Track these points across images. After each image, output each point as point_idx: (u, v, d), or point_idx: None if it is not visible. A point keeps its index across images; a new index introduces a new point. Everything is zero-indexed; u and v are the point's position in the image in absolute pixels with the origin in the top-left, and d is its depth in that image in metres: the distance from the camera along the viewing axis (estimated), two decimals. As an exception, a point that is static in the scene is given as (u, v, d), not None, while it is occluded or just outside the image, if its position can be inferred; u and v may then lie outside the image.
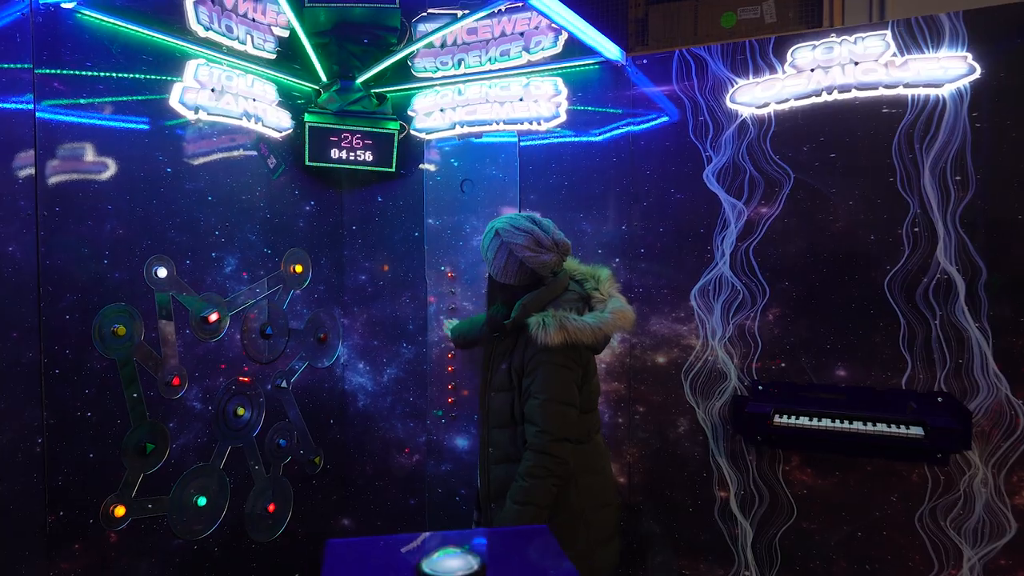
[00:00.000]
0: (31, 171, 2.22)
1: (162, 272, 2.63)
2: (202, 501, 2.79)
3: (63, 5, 2.24)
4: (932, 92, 2.44)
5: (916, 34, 2.46)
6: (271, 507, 3.10)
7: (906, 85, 2.46)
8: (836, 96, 2.56)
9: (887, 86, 2.48)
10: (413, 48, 2.86)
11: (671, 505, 2.90)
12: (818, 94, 2.58)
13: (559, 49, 2.99)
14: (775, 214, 2.68)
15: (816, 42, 2.58)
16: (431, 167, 3.31)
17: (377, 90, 3.30)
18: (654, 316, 2.89)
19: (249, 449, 3.00)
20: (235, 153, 2.92)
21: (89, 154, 2.40)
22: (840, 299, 2.60)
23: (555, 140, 3.06)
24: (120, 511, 2.50)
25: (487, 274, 2.27)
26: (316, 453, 3.33)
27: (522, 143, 3.12)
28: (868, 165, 2.54)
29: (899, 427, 2.44)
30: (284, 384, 3.17)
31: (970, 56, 2.38)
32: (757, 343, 2.72)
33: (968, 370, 2.43)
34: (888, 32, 2.49)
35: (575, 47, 2.92)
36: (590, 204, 3.00)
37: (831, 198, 2.60)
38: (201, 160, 2.78)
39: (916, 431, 2.40)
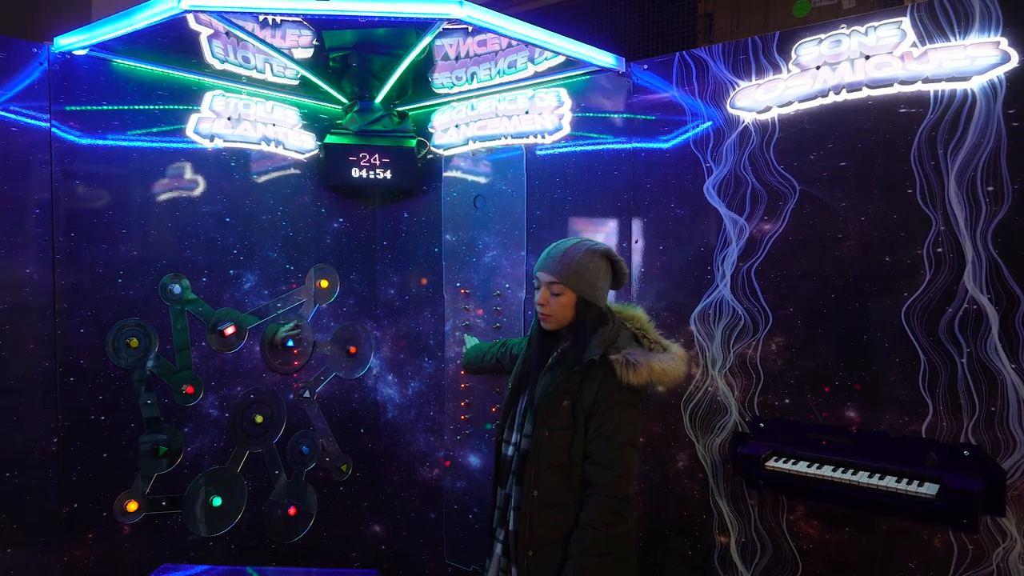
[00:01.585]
0: (48, 202, 2.50)
1: (176, 289, 2.85)
2: (217, 501, 2.99)
3: (75, 52, 2.49)
4: (958, 86, 2.05)
5: (940, 19, 2.08)
6: (292, 511, 3.25)
7: (926, 80, 2.08)
8: (845, 96, 2.23)
9: (903, 82, 2.12)
10: (408, 60, 2.85)
11: (670, 547, 2.67)
12: (824, 95, 2.26)
13: (562, 59, 2.87)
14: (779, 231, 2.39)
15: (823, 35, 2.26)
16: (448, 183, 3.31)
17: (399, 108, 3.35)
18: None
19: (269, 454, 3.17)
20: (254, 177, 3.09)
21: (103, 184, 2.66)
22: (850, 330, 2.26)
23: (559, 153, 2.93)
24: (133, 506, 2.74)
25: (570, 297, 2.03)
26: (343, 461, 3.45)
27: (528, 157, 3.02)
28: (883, 175, 2.19)
29: (909, 483, 2.07)
30: (308, 394, 3.32)
31: (1004, 41, 1.97)
32: (759, 375, 2.44)
33: (1003, 420, 2.01)
34: (906, 19, 2.12)
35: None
36: (593, 219, 2.85)
37: (840, 213, 2.27)
38: (218, 184, 2.98)
39: (928, 490, 2.03)
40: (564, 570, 1.96)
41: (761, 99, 2.38)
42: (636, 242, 2.72)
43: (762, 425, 2.43)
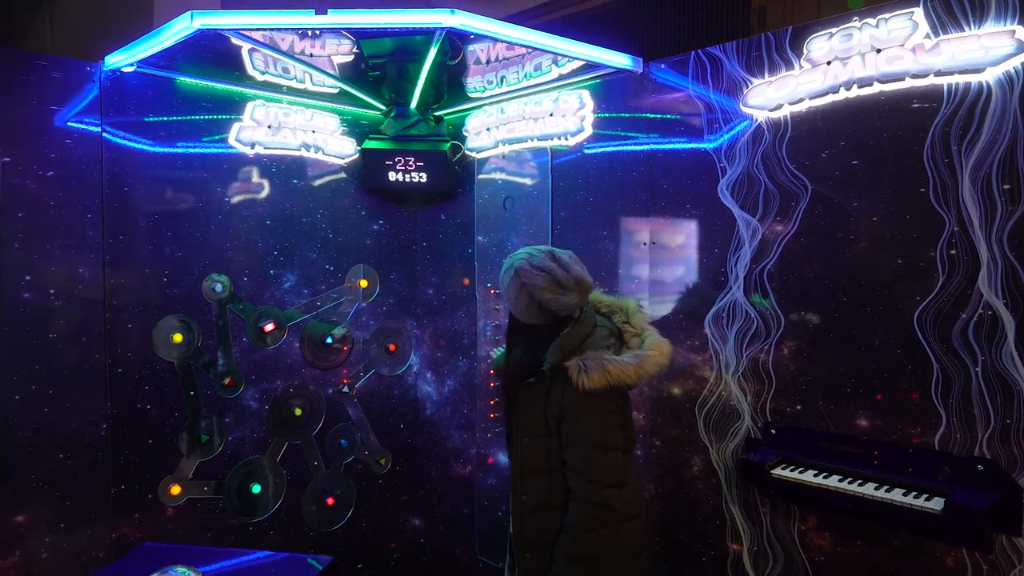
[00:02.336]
0: (99, 207, 2.74)
1: (218, 288, 3.05)
2: (257, 488, 3.17)
3: (124, 69, 2.72)
4: (972, 79, 1.94)
5: (955, 8, 1.97)
6: (330, 501, 3.41)
7: (938, 73, 1.98)
8: (857, 92, 2.14)
9: (915, 75, 2.02)
10: (426, 68, 2.93)
11: (685, 552, 2.64)
12: (835, 91, 2.18)
13: (584, 61, 2.88)
14: (791, 232, 2.32)
15: (834, 29, 2.18)
16: (480, 186, 3.38)
17: (436, 113, 3.45)
18: (671, 343, 2.65)
19: (307, 446, 3.33)
20: (294, 181, 3.26)
21: (150, 190, 2.88)
22: (861, 335, 2.17)
23: (581, 154, 2.95)
24: (176, 490, 2.96)
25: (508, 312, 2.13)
26: (382, 455, 3.58)
27: (553, 159, 3.05)
28: (895, 173, 2.09)
29: (917, 497, 1.98)
30: (346, 389, 3.47)
31: (1021, 30, 1.85)
32: (771, 380, 2.38)
33: (1019, 434, 1.89)
34: (919, 9, 2.02)
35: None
36: (612, 221, 2.84)
37: (852, 213, 2.18)
38: (258, 189, 3.16)
39: (933, 505, 1.93)
40: (550, 573, 1.97)
41: (773, 97, 2.32)
42: (653, 243, 2.70)
43: (773, 432, 2.36)
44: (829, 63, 2.19)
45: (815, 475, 2.18)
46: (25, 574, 2.62)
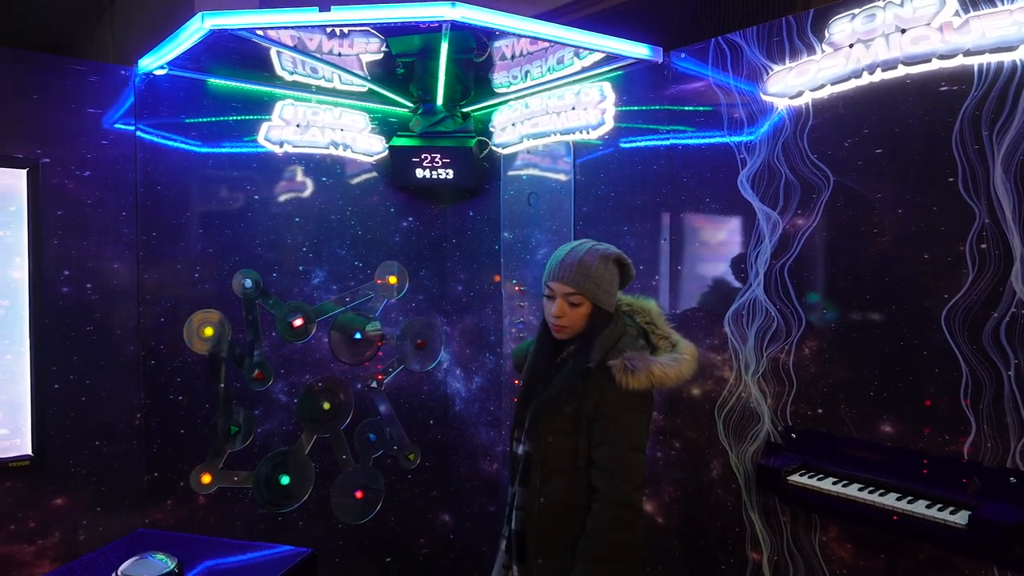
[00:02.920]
0: (133, 205, 2.85)
1: (248, 283, 3.13)
2: (285, 480, 3.24)
3: (156, 72, 2.82)
4: (1005, 58, 1.78)
5: (987, -19, 1.82)
6: (359, 494, 3.45)
7: (967, 52, 1.83)
8: (881, 76, 2.01)
9: (943, 56, 1.88)
10: (442, 63, 2.92)
11: (704, 558, 2.55)
12: (858, 75, 2.05)
13: (599, 52, 2.81)
14: (812, 226, 2.20)
15: (856, 9, 2.05)
16: (506, 182, 3.35)
17: (463, 109, 3.44)
18: (691, 341, 2.56)
19: (336, 440, 3.39)
20: (323, 179, 3.32)
21: (182, 189, 2.98)
22: (886, 335, 2.03)
23: (602, 148, 2.88)
24: (207, 479, 3.05)
25: (587, 307, 1.92)
26: (411, 450, 3.60)
27: (576, 153, 3.00)
28: (921, 161, 1.95)
29: (941, 509, 1.84)
30: (375, 384, 3.50)
31: (1059, 2, 1.69)
32: (792, 382, 2.26)
33: (1057, 444, 1.73)
34: (947, -16, 1.88)
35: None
36: (633, 216, 2.77)
37: (876, 205, 2.05)
38: (287, 187, 3.23)
39: (958, 519, 1.79)
40: None
41: (793, 83, 2.20)
42: (673, 238, 2.62)
43: (794, 436, 2.25)
44: (851, 46, 2.06)
45: (834, 483, 2.06)
46: (64, 554, 2.76)
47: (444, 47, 2.55)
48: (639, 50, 2.56)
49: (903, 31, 1.95)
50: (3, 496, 2.63)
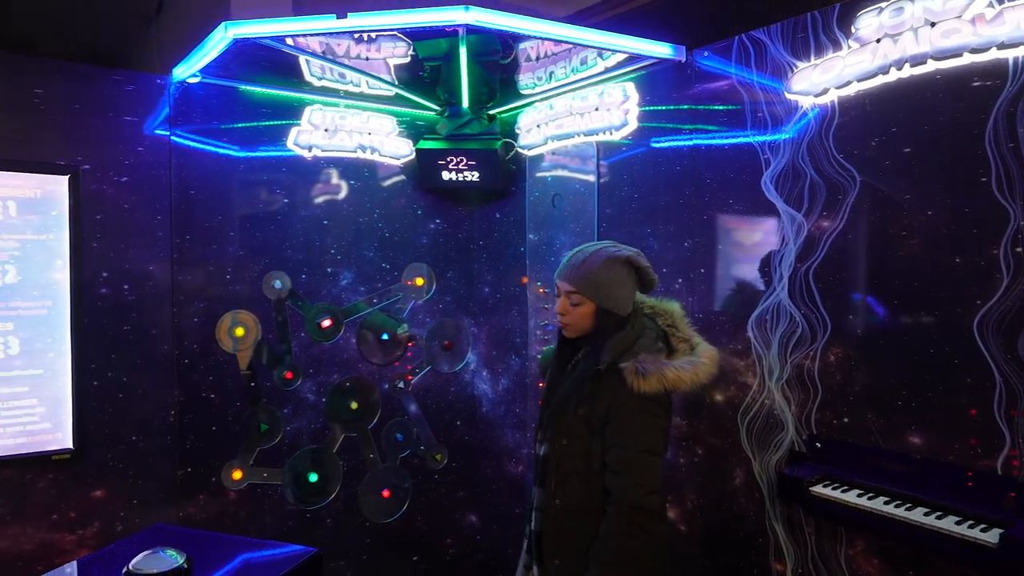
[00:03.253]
0: (167, 209, 2.94)
1: (278, 285, 3.19)
2: (314, 477, 3.30)
3: (189, 80, 2.90)
4: (1041, 51, 1.69)
5: (1022, -30, 1.73)
6: (386, 493, 3.49)
7: (1001, 46, 1.74)
8: (909, 72, 1.93)
9: (975, 50, 1.79)
10: (463, 66, 2.92)
11: (726, 568, 2.49)
12: (885, 71, 1.97)
13: (616, 51, 2.78)
14: (838, 228, 2.13)
15: (883, 3, 1.98)
16: (531, 183, 3.34)
17: (490, 112, 3.44)
18: (714, 346, 2.51)
19: (363, 439, 3.43)
20: (351, 182, 3.36)
21: (214, 193, 3.05)
22: (915, 342, 1.95)
23: (625, 149, 2.85)
24: (237, 475, 3.13)
25: (589, 306, 1.92)
26: (438, 450, 3.62)
27: (600, 154, 2.97)
28: (952, 161, 1.87)
29: (972, 526, 1.75)
30: (402, 385, 3.54)
31: (1098, -9, 1.59)
32: (817, 389, 2.19)
33: (1095, 460, 1.63)
34: (979, -26, 1.79)
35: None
36: (656, 217, 2.73)
37: (904, 207, 1.97)
38: (316, 191, 3.28)
39: (988, 537, 1.70)
40: None
41: (818, 81, 2.13)
42: (696, 240, 2.57)
43: (818, 445, 2.18)
44: (879, 41, 1.98)
45: (859, 495, 1.99)
46: (103, 544, 2.85)
47: (463, 51, 2.54)
48: (660, 49, 2.52)
49: (933, 24, 1.86)
50: (46, 487, 2.74)
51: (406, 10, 2.06)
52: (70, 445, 2.76)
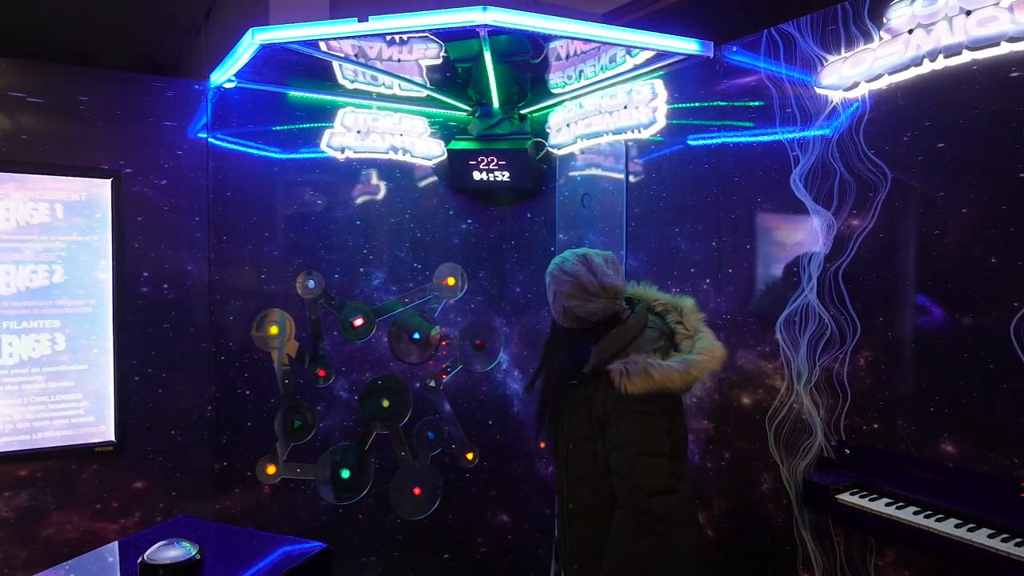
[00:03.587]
0: (205, 211, 3.03)
1: (311, 284, 3.25)
2: (346, 474, 3.35)
3: (225, 85, 2.98)
4: (1082, 39, 1.60)
5: (1063, -46, 1.63)
6: (417, 490, 3.52)
7: (1040, 34, 1.65)
8: (943, 63, 1.85)
9: (1013, 39, 1.70)
10: (489, 67, 2.92)
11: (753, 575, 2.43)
12: (918, 63, 1.89)
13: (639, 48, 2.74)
14: (868, 227, 2.05)
15: (917, -8, 1.90)
16: (561, 183, 3.33)
17: (521, 111, 3.44)
18: (741, 349, 2.46)
19: (395, 437, 3.47)
20: (383, 183, 3.40)
21: (250, 195, 3.13)
22: (948, 346, 1.87)
23: (654, 147, 2.81)
24: (271, 470, 3.20)
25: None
26: (469, 449, 3.64)
27: (628, 153, 2.93)
28: (988, 156, 1.78)
29: (1005, 540, 1.67)
30: (433, 384, 3.56)
31: None
32: (846, 394, 2.12)
33: None
34: (1017, -41, 1.70)
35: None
36: (684, 216, 2.68)
37: (937, 205, 1.89)
38: (348, 192, 3.33)
39: (1023, 552, 1.62)
40: None
41: (848, 74, 2.06)
42: (724, 240, 2.51)
43: (847, 452, 2.10)
44: (911, 31, 1.90)
45: (887, 504, 1.91)
46: (143, 536, 2.97)
47: (487, 53, 2.54)
48: (686, 45, 2.48)
49: (968, 13, 1.78)
50: (90, 478, 2.86)
51: (424, 12, 2.08)
52: (112, 438, 2.86)
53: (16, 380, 2.69)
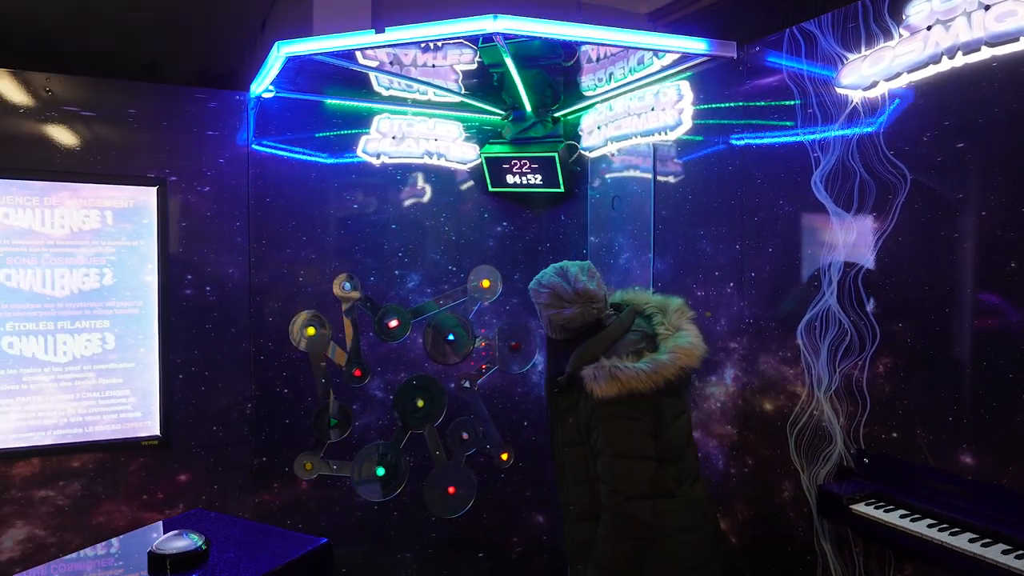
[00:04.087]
0: (245, 216, 3.17)
1: (347, 286, 3.36)
2: (381, 471, 3.44)
3: (264, 95, 3.11)
4: (1105, 32, 1.52)
5: (1086, -57, 1.56)
6: (451, 489, 3.59)
7: (1060, 28, 1.58)
8: (962, 60, 1.78)
9: (1032, 33, 1.63)
10: (514, 73, 2.95)
11: (775, 585, 2.39)
12: (936, 60, 1.83)
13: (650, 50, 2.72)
14: (887, 230, 1.99)
15: (935, -13, 1.83)
16: (593, 185, 3.33)
17: (555, 114, 3.46)
18: (763, 354, 2.42)
19: (429, 436, 3.54)
20: (417, 187, 3.48)
21: (288, 201, 3.26)
22: (967, 354, 1.80)
23: (680, 148, 2.79)
24: (308, 466, 3.32)
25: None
26: (504, 449, 3.68)
27: (655, 155, 2.92)
28: (1009, 156, 1.71)
29: (1018, 557, 1.60)
30: (468, 384, 3.62)
31: None
32: (865, 401, 2.06)
33: None
34: (1037, -50, 1.63)
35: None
36: (708, 219, 2.65)
37: (956, 207, 1.82)
38: (384, 196, 3.43)
39: (1038, 570, 1.55)
40: None
41: (867, 73, 2.00)
42: (747, 243, 2.47)
43: (866, 461, 2.05)
44: (929, 28, 1.84)
45: (902, 516, 1.85)
46: (188, 525, 3.13)
47: (509, 60, 2.58)
48: (698, 45, 2.44)
49: (987, 7, 1.71)
50: (137, 470, 3.03)
51: (437, 22, 2.13)
52: (158, 432, 3.03)
53: (70, 377, 2.88)
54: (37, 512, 2.88)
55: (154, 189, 3.00)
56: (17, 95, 2.82)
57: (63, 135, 2.89)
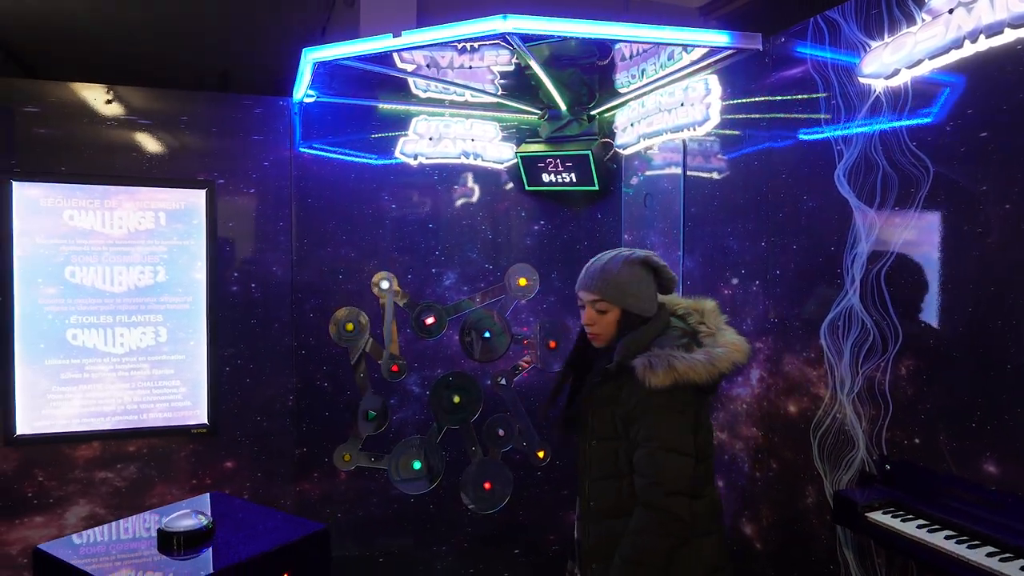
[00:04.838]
0: (289, 216, 3.31)
1: (385, 284, 3.45)
2: (417, 465, 3.52)
3: (305, 100, 3.24)
4: None
5: (1113, -87, 1.44)
6: (487, 485, 3.63)
7: (1085, 6, 1.47)
8: (985, 44, 1.68)
9: (1056, 14, 1.53)
10: (540, 71, 2.96)
11: (799, 594, 2.31)
12: (959, 45, 1.73)
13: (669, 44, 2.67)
14: (909, 225, 1.90)
15: (957, -32, 1.74)
16: (626, 183, 3.31)
17: (590, 112, 3.45)
18: (787, 354, 2.35)
19: (466, 432, 3.60)
20: (455, 187, 3.54)
21: (329, 201, 3.37)
22: (992, 356, 1.70)
23: (707, 144, 2.73)
24: (347, 458, 3.43)
25: (615, 312, 1.98)
26: (540, 447, 3.70)
27: (685, 151, 2.87)
28: (1032, 145, 1.60)
29: (1039, 574, 1.50)
30: (504, 381, 3.65)
31: None
32: (887, 405, 1.97)
33: None
34: (1062, -76, 1.52)
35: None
36: (735, 216, 2.59)
37: (980, 200, 1.72)
38: (422, 196, 3.50)
39: (1055, 587, 1.45)
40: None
41: (889, 61, 1.92)
42: (772, 239, 2.40)
43: (888, 467, 1.96)
44: (951, 11, 1.74)
45: (919, 527, 1.76)
46: (235, 510, 3.29)
47: (532, 61, 2.59)
48: (725, 39, 2.39)
49: (1009, -12, 1.61)
50: (187, 456, 3.22)
51: (450, 24, 2.17)
52: (206, 421, 3.20)
53: (127, 367, 3.08)
54: (98, 492, 3.10)
55: (203, 191, 3.17)
56: (83, 107, 3.04)
57: (122, 142, 3.09)
